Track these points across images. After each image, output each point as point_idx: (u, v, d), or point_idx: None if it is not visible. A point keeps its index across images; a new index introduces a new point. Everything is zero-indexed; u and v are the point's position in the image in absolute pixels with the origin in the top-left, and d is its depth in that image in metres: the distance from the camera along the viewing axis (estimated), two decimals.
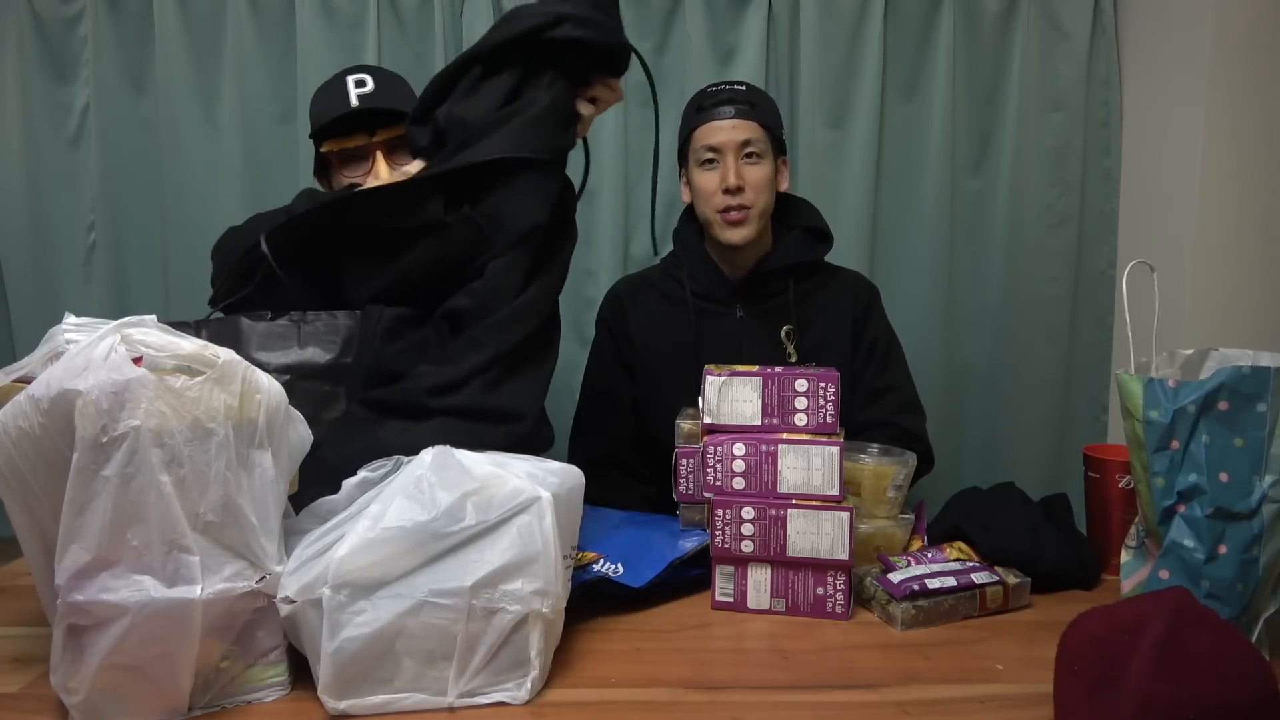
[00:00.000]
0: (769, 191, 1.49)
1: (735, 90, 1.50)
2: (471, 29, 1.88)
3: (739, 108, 1.47)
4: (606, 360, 1.60)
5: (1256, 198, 1.76)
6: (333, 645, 0.78)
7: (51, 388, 0.74)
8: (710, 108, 1.49)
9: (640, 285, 1.62)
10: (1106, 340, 2.04)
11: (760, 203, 1.48)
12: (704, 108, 1.49)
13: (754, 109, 1.48)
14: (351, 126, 1.36)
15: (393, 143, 1.36)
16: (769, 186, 1.49)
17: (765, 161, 1.48)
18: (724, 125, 1.46)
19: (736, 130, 1.46)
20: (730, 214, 1.47)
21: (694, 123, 1.50)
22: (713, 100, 1.49)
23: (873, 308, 1.56)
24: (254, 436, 0.81)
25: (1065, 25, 1.96)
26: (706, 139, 1.48)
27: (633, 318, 1.58)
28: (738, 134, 1.46)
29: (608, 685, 0.88)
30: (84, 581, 0.75)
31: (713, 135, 1.47)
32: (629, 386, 1.57)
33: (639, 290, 1.61)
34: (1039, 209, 1.99)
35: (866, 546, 1.12)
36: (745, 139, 1.46)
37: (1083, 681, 0.75)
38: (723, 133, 1.46)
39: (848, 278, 1.59)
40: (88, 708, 0.76)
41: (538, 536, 0.84)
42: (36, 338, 0.86)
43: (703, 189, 1.49)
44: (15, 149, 1.89)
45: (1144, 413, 0.92)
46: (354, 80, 1.37)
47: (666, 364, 1.51)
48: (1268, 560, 0.89)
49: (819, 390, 1.05)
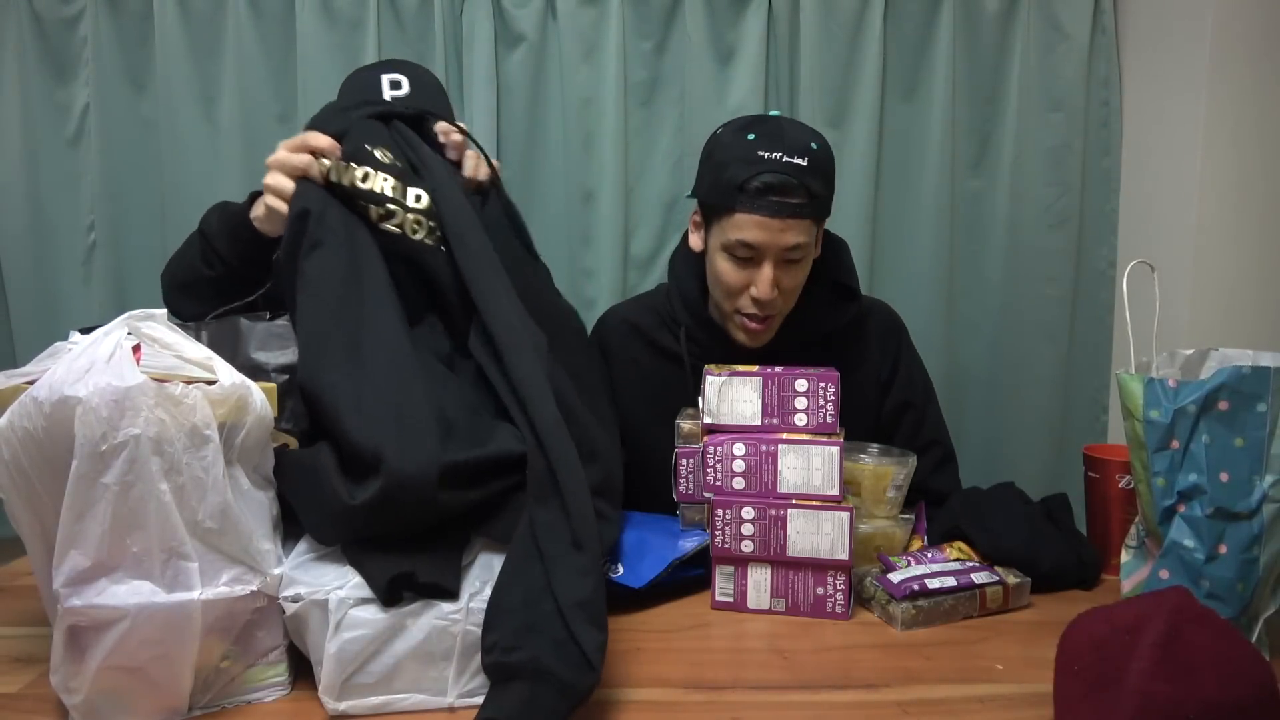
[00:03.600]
0: (800, 289, 1.26)
1: (793, 171, 1.15)
2: (471, 29, 1.88)
3: (794, 204, 1.16)
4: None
5: (1256, 198, 1.76)
6: (335, 646, 0.78)
7: (53, 391, 0.74)
8: (757, 193, 1.16)
9: (628, 332, 1.39)
10: (1106, 340, 2.04)
11: (789, 306, 1.26)
12: (747, 189, 1.16)
13: (811, 202, 1.17)
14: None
15: None
16: (802, 285, 1.25)
17: (807, 260, 1.23)
18: (774, 225, 1.16)
19: (786, 233, 1.17)
20: (751, 322, 1.25)
21: (731, 201, 1.17)
22: (766, 184, 1.15)
23: (900, 362, 1.38)
24: (229, 452, 0.80)
25: (1065, 25, 1.95)
26: (746, 233, 1.18)
27: (616, 366, 1.38)
28: (787, 237, 1.17)
29: (608, 685, 0.88)
30: (83, 586, 0.75)
31: (755, 233, 1.17)
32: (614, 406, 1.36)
33: (627, 338, 1.39)
34: (1039, 209, 1.99)
35: (866, 546, 1.12)
36: (793, 244, 1.18)
37: (1083, 681, 0.75)
38: (770, 234, 1.17)
39: (874, 327, 1.38)
40: (88, 708, 0.76)
41: None
42: (37, 338, 0.86)
43: (725, 281, 1.23)
44: (15, 149, 1.88)
45: (1144, 413, 0.92)
46: (389, 80, 1.31)
47: (655, 423, 1.23)
48: (1268, 560, 0.89)
49: (819, 390, 1.05)
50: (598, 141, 1.91)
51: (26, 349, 1.86)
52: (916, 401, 1.39)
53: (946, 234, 1.96)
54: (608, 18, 1.88)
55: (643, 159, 1.96)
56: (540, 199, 1.96)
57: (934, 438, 1.40)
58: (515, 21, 1.90)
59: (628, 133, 1.92)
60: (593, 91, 1.91)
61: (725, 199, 1.19)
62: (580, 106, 1.91)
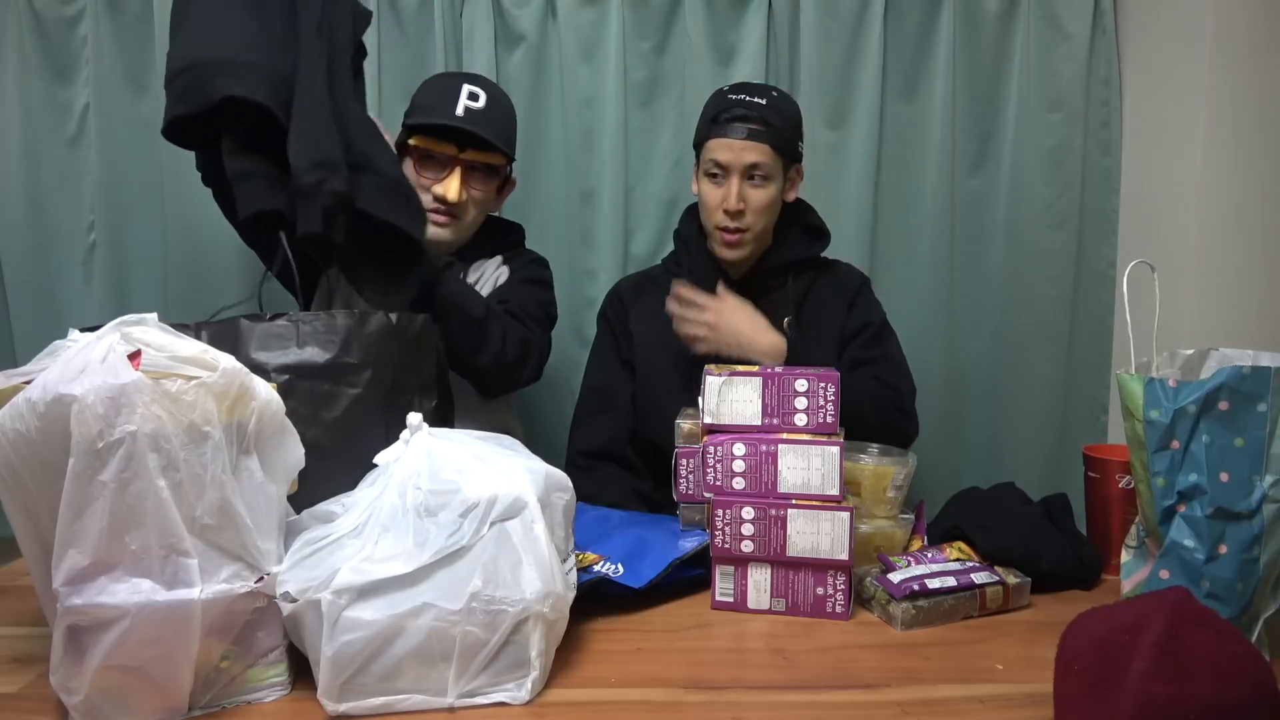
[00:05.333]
0: (770, 213, 1.48)
1: (752, 106, 1.45)
2: (471, 29, 1.88)
3: (752, 128, 1.43)
4: (606, 356, 1.59)
5: (1256, 198, 1.76)
6: (332, 649, 0.78)
7: (48, 391, 0.74)
8: (725, 122, 1.45)
9: (641, 283, 1.62)
10: (1106, 340, 2.04)
11: (759, 225, 1.47)
12: (718, 120, 1.46)
13: (768, 130, 1.44)
14: (446, 134, 1.44)
15: (476, 165, 1.48)
16: (770, 209, 1.48)
17: (771, 184, 1.46)
18: (734, 144, 1.43)
19: (745, 152, 1.43)
20: (727, 234, 1.47)
21: (707, 132, 1.47)
22: (728, 114, 1.45)
23: (862, 294, 1.57)
24: (243, 442, 0.81)
25: (1065, 25, 1.95)
26: (715, 153, 1.45)
27: (633, 314, 1.58)
28: (746, 156, 1.43)
29: (608, 685, 0.88)
30: (82, 585, 0.75)
31: (721, 151, 1.44)
32: (628, 383, 1.56)
33: (640, 287, 1.61)
34: (1039, 209, 1.99)
35: (866, 546, 1.12)
36: (753, 162, 1.43)
37: (1083, 681, 0.75)
38: (731, 152, 1.43)
39: (841, 270, 1.60)
40: (88, 708, 0.76)
41: (530, 539, 0.84)
42: (37, 337, 0.86)
43: (706, 200, 1.49)
44: (15, 149, 1.88)
45: (1144, 413, 0.92)
46: (468, 91, 1.45)
47: (665, 359, 1.50)
48: (1268, 560, 0.89)
49: (819, 390, 1.05)
50: (598, 141, 1.91)
51: (26, 348, 1.86)
52: (873, 321, 1.54)
53: (946, 234, 1.96)
54: (608, 18, 1.88)
55: (643, 159, 1.96)
56: (540, 199, 1.96)
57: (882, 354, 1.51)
58: (515, 21, 1.90)
59: (628, 133, 1.92)
60: (593, 91, 1.91)
61: (702, 132, 1.49)
62: (580, 106, 1.91)
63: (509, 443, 0.95)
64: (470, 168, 1.47)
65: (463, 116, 1.44)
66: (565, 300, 1.94)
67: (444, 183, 1.45)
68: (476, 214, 1.53)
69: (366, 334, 1.08)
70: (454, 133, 1.44)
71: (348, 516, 0.86)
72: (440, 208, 1.46)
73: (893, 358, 1.54)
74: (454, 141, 1.45)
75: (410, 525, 0.82)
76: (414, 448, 0.87)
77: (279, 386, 0.92)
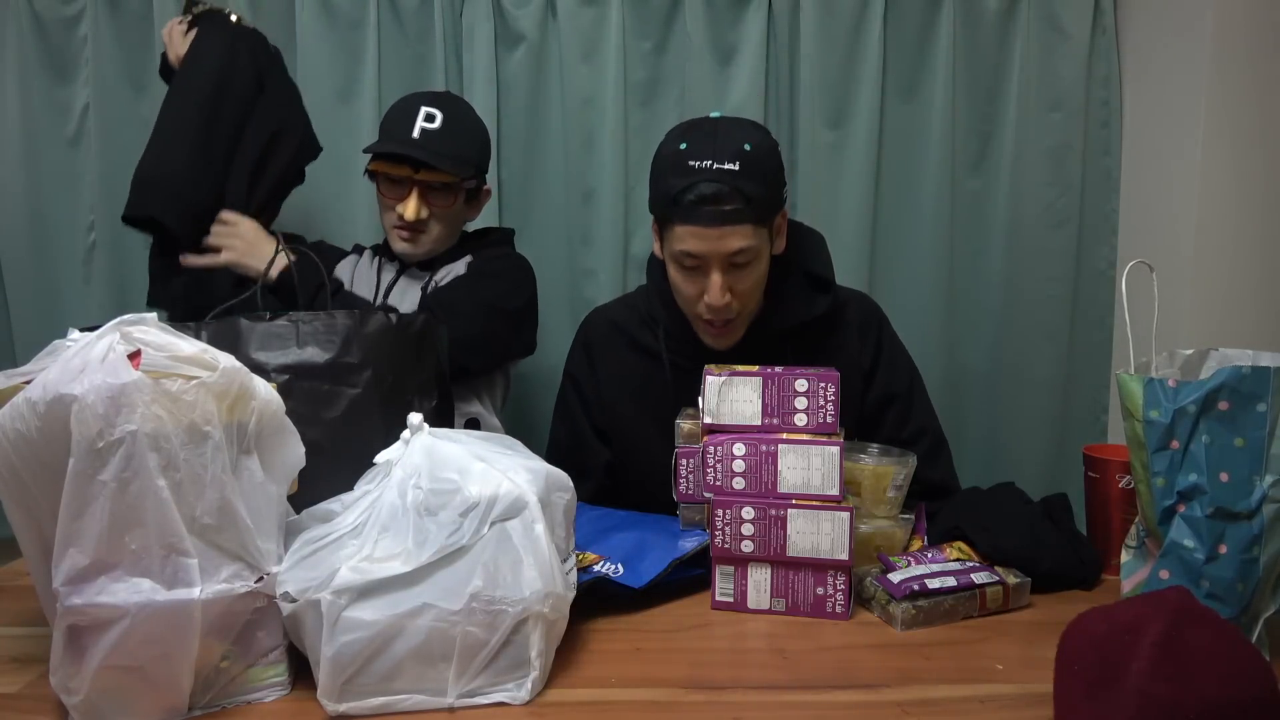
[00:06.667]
0: (760, 286, 1.28)
1: (723, 177, 1.16)
2: (471, 29, 1.88)
3: (727, 210, 1.17)
4: (575, 422, 1.44)
5: (1256, 198, 1.76)
6: (332, 649, 0.78)
7: (48, 391, 0.74)
8: (690, 205, 1.18)
9: (610, 334, 1.42)
10: (1106, 340, 2.04)
11: (750, 306, 1.28)
12: (685, 203, 1.18)
13: (748, 206, 1.17)
14: (401, 157, 1.47)
15: (433, 185, 1.50)
16: (760, 284, 1.27)
17: (759, 261, 1.23)
18: (707, 233, 1.18)
19: (724, 239, 1.18)
20: (712, 327, 1.28)
21: (667, 214, 1.21)
22: (700, 195, 1.17)
23: (881, 352, 1.37)
24: (243, 441, 0.81)
25: (1065, 25, 1.95)
26: (683, 244, 1.20)
27: (602, 374, 1.40)
28: (726, 244, 1.19)
29: (608, 685, 0.88)
30: (82, 585, 0.75)
31: (694, 243, 1.19)
32: (601, 452, 1.42)
33: (609, 340, 1.41)
34: (1039, 209, 1.99)
35: (866, 546, 1.12)
36: (736, 249, 1.19)
37: (1083, 681, 0.75)
38: (705, 242, 1.19)
39: (852, 317, 1.37)
40: (88, 708, 0.76)
41: (530, 539, 0.84)
42: (37, 338, 0.86)
43: (680, 291, 1.27)
44: (15, 149, 1.88)
45: (1144, 413, 0.92)
46: (425, 113, 1.49)
47: (643, 422, 1.33)
48: (1268, 560, 0.89)
49: (819, 390, 1.05)
50: (598, 141, 1.91)
51: (26, 348, 1.86)
52: (901, 391, 1.38)
53: (946, 234, 1.96)
54: (608, 18, 1.88)
55: (643, 159, 1.94)
56: (540, 199, 1.96)
57: (922, 425, 1.38)
58: (515, 21, 1.90)
59: (628, 133, 1.92)
60: (593, 91, 1.91)
61: (665, 212, 1.22)
62: (580, 106, 1.91)
63: (510, 443, 0.95)
64: (428, 187, 1.50)
65: (417, 139, 1.48)
66: (565, 300, 1.94)
67: (404, 203, 1.50)
68: (443, 228, 1.55)
69: (366, 334, 1.08)
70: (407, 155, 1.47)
71: (347, 516, 0.86)
72: (403, 225, 1.52)
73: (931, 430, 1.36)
74: (409, 163, 1.48)
75: (410, 525, 0.82)
76: (414, 447, 0.87)
77: (279, 386, 0.92)
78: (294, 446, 0.86)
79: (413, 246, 1.54)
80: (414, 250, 1.55)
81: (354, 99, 1.88)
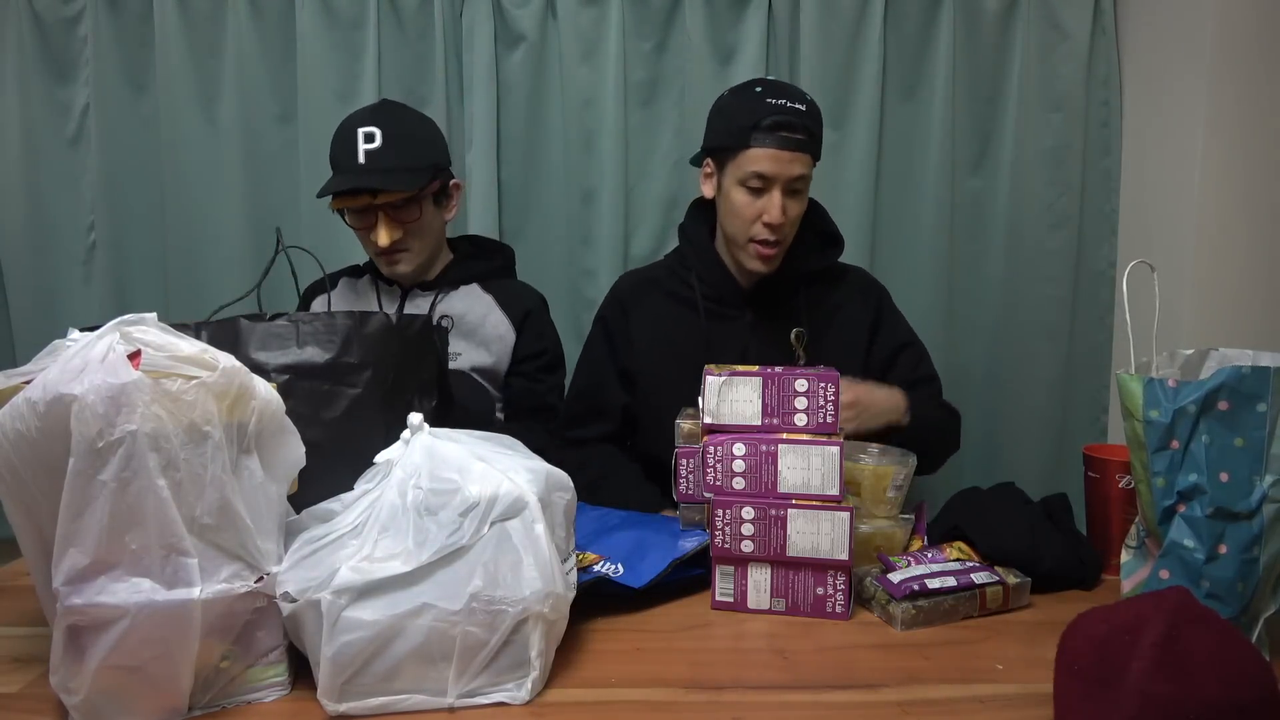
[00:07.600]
0: (799, 222, 1.44)
1: (795, 114, 1.37)
2: (471, 29, 1.89)
3: (799, 139, 1.36)
4: (600, 363, 1.55)
5: (1256, 198, 1.76)
6: (332, 649, 0.78)
7: (48, 391, 0.74)
8: (771, 130, 1.36)
9: (644, 284, 1.56)
10: (1106, 340, 2.04)
11: (792, 236, 1.44)
12: (763, 127, 1.36)
13: (811, 139, 1.38)
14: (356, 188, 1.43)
15: (395, 204, 1.46)
16: (800, 218, 1.44)
17: (805, 194, 1.42)
18: (780, 156, 1.36)
19: (793, 164, 1.37)
20: (764, 248, 1.41)
21: (748, 139, 1.37)
22: (775, 122, 1.36)
23: (884, 310, 1.53)
24: (243, 441, 0.81)
25: (1065, 25, 1.96)
26: (759, 165, 1.37)
27: (635, 318, 1.52)
28: (793, 168, 1.37)
29: (608, 685, 0.88)
30: (82, 585, 0.75)
31: (765, 163, 1.36)
32: (621, 394, 1.52)
33: (643, 289, 1.55)
34: (1039, 209, 1.99)
35: (866, 546, 1.12)
36: (799, 174, 1.38)
37: (1083, 681, 0.75)
38: (777, 164, 1.36)
39: (855, 279, 1.55)
40: (88, 708, 0.76)
41: (530, 538, 0.84)
42: (37, 337, 0.86)
43: (740, 211, 1.41)
44: (15, 149, 1.89)
45: (1144, 413, 0.92)
46: (363, 134, 1.43)
47: (672, 366, 1.44)
48: (1268, 560, 0.89)
49: (819, 390, 1.05)
50: (598, 141, 1.92)
51: (26, 348, 1.86)
52: (910, 341, 1.53)
53: (946, 234, 1.96)
54: (608, 18, 1.89)
55: (643, 159, 1.96)
56: (540, 199, 1.96)
57: (932, 373, 1.55)
58: (515, 21, 1.90)
59: (628, 133, 1.93)
60: (593, 91, 1.91)
61: (739, 139, 1.38)
62: (580, 106, 1.91)
63: (510, 442, 0.95)
64: (392, 207, 1.46)
65: (364, 164, 1.43)
66: (565, 300, 1.95)
67: (375, 230, 1.46)
68: (424, 238, 1.52)
69: (366, 334, 1.07)
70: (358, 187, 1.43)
71: (347, 516, 0.86)
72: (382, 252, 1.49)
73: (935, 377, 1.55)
74: (366, 190, 1.43)
75: (410, 524, 0.82)
76: (414, 447, 0.87)
77: (279, 386, 0.92)
78: (294, 446, 0.86)
79: (402, 267, 1.52)
80: (405, 270, 1.52)
81: (354, 99, 1.88)
